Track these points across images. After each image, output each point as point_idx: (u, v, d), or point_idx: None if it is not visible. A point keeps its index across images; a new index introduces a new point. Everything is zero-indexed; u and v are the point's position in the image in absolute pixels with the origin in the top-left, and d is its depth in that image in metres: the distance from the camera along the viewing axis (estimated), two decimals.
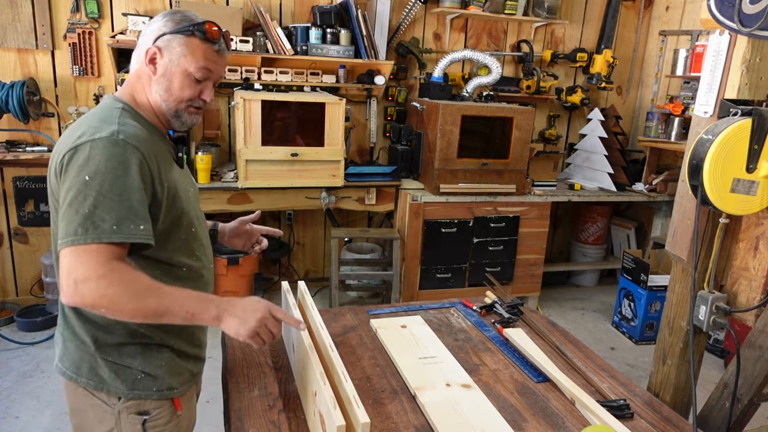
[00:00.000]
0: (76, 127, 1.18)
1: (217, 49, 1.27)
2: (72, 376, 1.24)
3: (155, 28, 1.25)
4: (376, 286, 4.17)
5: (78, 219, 1.07)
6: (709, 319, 1.61)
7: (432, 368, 1.62)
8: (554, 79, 4.46)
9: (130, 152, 1.12)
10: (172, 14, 1.26)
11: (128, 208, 1.10)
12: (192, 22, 1.25)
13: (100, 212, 1.07)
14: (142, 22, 3.31)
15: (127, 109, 1.23)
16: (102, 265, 1.06)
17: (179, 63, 1.23)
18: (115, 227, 1.07)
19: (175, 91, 1.24)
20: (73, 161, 1.10)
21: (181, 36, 1.23)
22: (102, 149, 1.10)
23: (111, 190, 1.08)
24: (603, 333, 3.99)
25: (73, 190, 1.08)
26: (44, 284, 3.57)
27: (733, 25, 1.46)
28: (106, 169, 1.09)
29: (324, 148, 3.56)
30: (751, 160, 1.45)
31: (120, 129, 1.14)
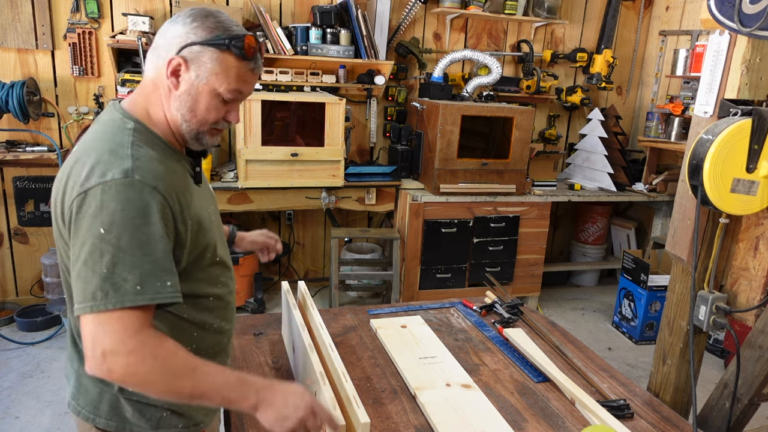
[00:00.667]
0: (82, 157, 1.02)
1: (252, 67, 1.09)
2: (89, 416, 1.13)
3: (181, 33, 1.05)
4: (376, 286, 4.17)
5: (96, 280, 0.94)
6: (709, 319, 1.61)
7: (432, 368, 1.62)
8: (554, 79, 4.46)
9: (148, 195, 0.97)
10: (203, 17, 1.06)
11: (152, 263, 0.97)
12: (229, 34, 1.05)
13: (120, 271, 0.94)
14: (142, 22, 3.31)
15: (139, 129, 1.07)
16: (131, 337, 0.94)
17: (208, 81, 1.06)
18: (138, 287, 0.95)
19: (199, 113, 1.08)
20: (84, 209, 0.96)
21: (213, 50, 1.04)
22: (116, 195, 0.95)
23: (131, 244, 0.95)
24: (603, 333, 3.99)
25: (88, 245, 0.95)
26: (44, 284, 3.57)
27: (733, 25, 1.46)
28: (123, 219, 0.95)
29: (324, 148, 3.56)
30: (751, 160, 1.45)
31: (135, 166, 0.98)
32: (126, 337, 0.94)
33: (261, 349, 1.70)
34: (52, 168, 3.55)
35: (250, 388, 1.03)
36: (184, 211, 1.06)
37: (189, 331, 1.17)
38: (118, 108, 1.10)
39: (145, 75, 1.12)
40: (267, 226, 4.19)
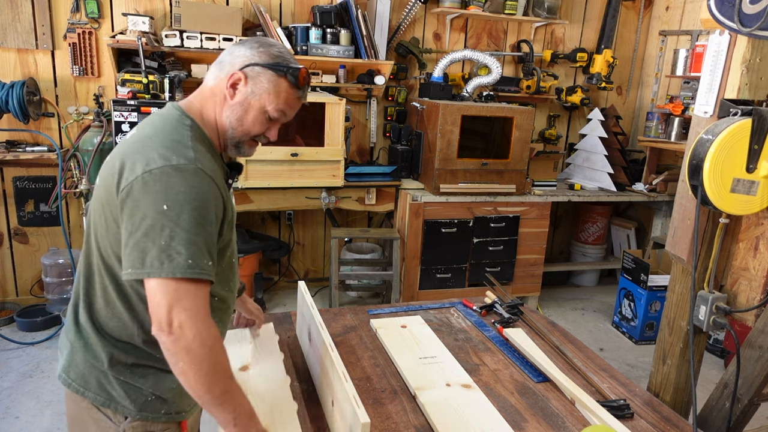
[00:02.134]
0: (145, 140, 1.13)
1: (300, 96, 1.25)
2: (78, 389, 1.20)
3: (247, 54, 1.21)
4: (376, 286, 4.17)
5: (155, 250, 1.04)
6: (709, 319, 1.61)
7: (432, 368, 1.62)
8: (554, 79, 4.46)
9: (207, 184, 1.10)
10: (269, 46, 1.22)
11: (203, 243, 1.07)
12: (287, 64, 1.21)
13: (175, 245, 1.04)
14: (142, 22, 3.31)
15: (194, 127, 1.19)
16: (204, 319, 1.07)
17: (261, 98, 1.20)
18: (189, 261, 1.05)
19: (246, 123, 1.22)
20: (149, 187, 1.06)
21: (272, 73, 1.20)
22: (181, 178, 1.07)
23: (189, 222, 1.05)
24: (603, 333, 3.99)
25: (149, 218, 1.04)
26: (44, 284, 3.57)
27: (733, 25, 1.46)
28: (185, 200, 1.06)
29: (324, 148, 3.56)
30: (751, 160, 1.45)
31: (197, 156, 1.11)
32: (198, 317, 1.06)
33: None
34: (52, 168, 3.55)
35: (255, 426, 1.15)
36: (227, 204, 1.19)
37: None
38: (177, 107, 1.23)
39: (205, 83, 1.27)
40: (267, 226, 4.19)
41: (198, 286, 1.07)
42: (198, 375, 1.06)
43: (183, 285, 1.05)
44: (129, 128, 3.11)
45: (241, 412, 1.11)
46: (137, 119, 3.11)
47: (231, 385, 1.11)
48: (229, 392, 1.10)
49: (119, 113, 3.08)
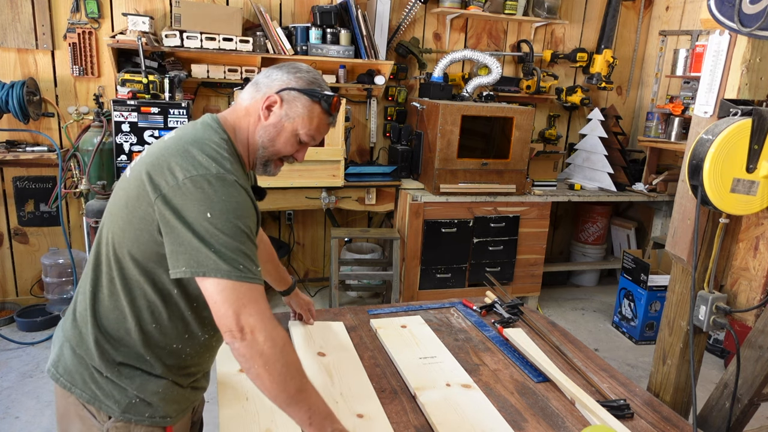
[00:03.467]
0: (184, 145, 1.15)
1: (330, 122, 1.30)
2: (66, 384, 1.21)
3: (284, 78, 1.25)
4: (376, 286, 4.17)
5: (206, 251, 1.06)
6: (709, 319, 1.61)
7: (432, 368, 1.62)
8: (554, 79, 4.46)
9: (243, 196, 1.13)
10: (306, 72, 1.27)
11: (249, 249, 1.10)
12: (322, 90, 1.26)
13: (224, 250, 1.07)
14: (142, 22, 3.31)
15: (228, 142, 1.22)
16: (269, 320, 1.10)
17: (294, 121, 1.24)
18: (242, 266, 1.08)
19: (278, 144, 1.26)
20: (190, 193, 1.07)
21: (306, 98, 1.24)
22: (221, 187, 1.09)
23: (232, 230, 1.08)
24: (603, 333, 3.99)
25: (196, 224, 1.06)
26: (44, 284, 3.57)
27: (733, 25, 1.46)
28: (227, 209, 1.08)
29: (324, 148, 3.56)
30: (751, 160, 1.44)
31: (232, 169, 1.14)
32: (268, 320, 1.09)
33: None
34: (52, 168, 3.55)
35: (331, 425, 1.15)
36: (258, 217, 1.23)
37: (181, 331, 1.23)
38: (215, 119, 1.26)
39: (240, 101, 1.29)
40: (267, 226, 4.19)
41: (256, 289, 1.09)
42: (272, 375, 1.08)
43: (242, 289, 1.07)
44: (129, 128, 3.11)
45: (316, 410, 1.13)
46: (137, 119, 3.11)
47: (305, 383, 1.13)
48: (304, 391, 1.12)
49: (119, 113, 3.08)
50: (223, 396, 1.46)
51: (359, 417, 1.38)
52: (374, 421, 1.37)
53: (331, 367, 1.59)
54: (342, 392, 1.47)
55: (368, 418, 1.38)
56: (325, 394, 1.46)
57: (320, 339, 1.76)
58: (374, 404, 1.44)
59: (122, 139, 3.12)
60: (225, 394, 1.47)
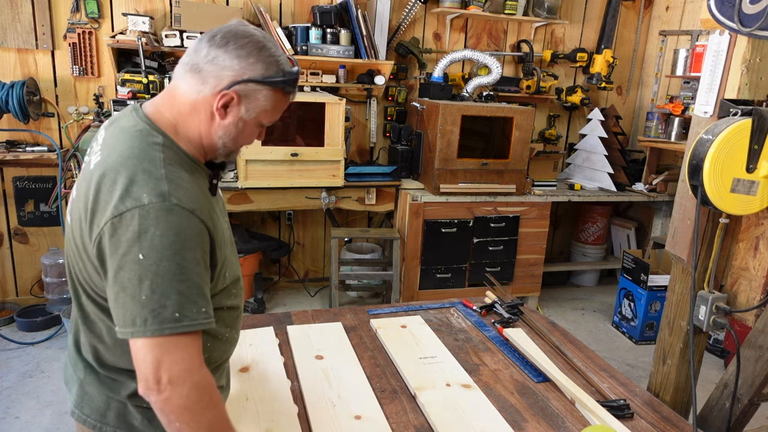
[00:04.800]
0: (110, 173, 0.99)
1: (292, 99, 1.14)
2: (95, 424, 1.12)
3: (236, 66, 1.03)
4: (376, 286, 4.17)
5: (136, 306, 0.94)
6: (709, 319, 1.61)
7: (432, 368, 1.62)
8: (554, 79, 4.46)
9: (185, 220, 0.97)
10: (258, 51, 1.04)
11: (189, 288, 0.97)
12: (283, 72, 1.06)
13: (158, 297, 0.94)
14: (142, 22, 3.31)
15: (167, 144, 1.05)
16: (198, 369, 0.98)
17: (257, 115, 1.08)
18: (177, 315, 0.95)
19: (241, 141, 1.11)
20: (120, 233, 0.94)
21: (268, 89, 1.06)
22: (155, 220, 0.94)
23: (169, 270, 0.95)
24: (603, 333, 3.99)
25: (125, 270, 0.94)
26: (44, 284, 3.57)
27: (733, 25, 1.46)
28: (162, 245, 0.94)
29: (324, 148, 3.56)
30: (751, 160, 1.45)
31: (170, 189, 0.97)
32: (191, 371, 0.96)
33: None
34: (52, 168, 3.55)
35: None
36: (216, 231, 1.06)
37: (204, 341, 1.14)
38: (142, 116, 1.07)
39: (180, 92, 1.08)
40: (267, 226, 4.19)
41: (189, 337, 0.98)
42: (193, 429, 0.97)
43: (171, 339, 0.95)
44: None
45: None
46: None
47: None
48: None
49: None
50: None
51: (357, 419, 1.38)
52: (372, 422, 1.37)
53: (329, 370, 1.59)
54: (339, 394, 1.47)
55: (366, 419, 1.38)
56: (322, 397, 1.46)
57: (318, 342, 1.76)
58: (372, 405, 1.44)
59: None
60: None
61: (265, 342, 1.74)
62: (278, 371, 1.58)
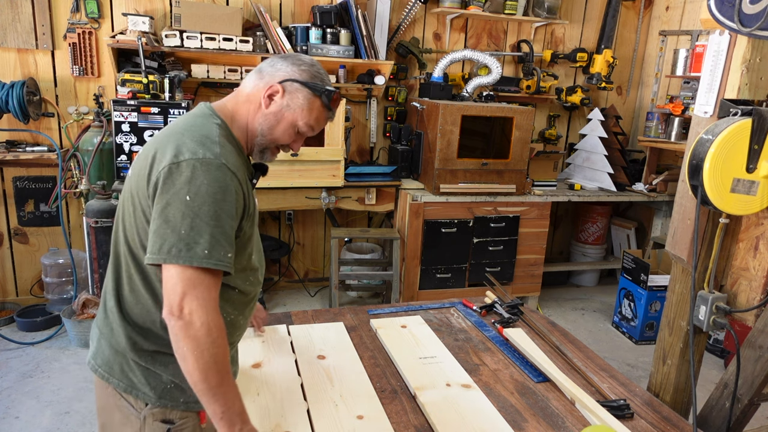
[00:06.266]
0: (175, 135, 1.18)
1: (329, 116, 1.32)
2: (104, 374, 1.24)
3: (288, 70, 1.27)
4: (376, 286, 4.17)
5: (174, 238, 1.08)
6: (709, 319, 1.61)
7: (432, 368, 1.62)
8: (554, 79, 4.46)
9: (230, 179, 1.14)
10: (310, 65, 1.29)
11: (221, 234, 1.11)
12: (324, 85, 1.28)
13: (194, 235, 1.09)
14: (142, 22, 3.31)
15: (223, 126, 1.24)
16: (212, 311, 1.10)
17: (294, 112, 1.26)
18: (206, 251, 1.09)
19: (276, 133, 1.28)
20: (175, 177, 1.11)
21: (308, 91, 1.26)
22: (206, 171, 1.11)
23: (208, 214, 1.10)
24: (603, 333, 3.99)
25: (172, 207, 1.09)
26: (44, 284, 3.57)
27: (733, 25, 1.46)
28: (207, 193, 1.10)
29: (324, 148, 3.56)
30: (751, 160, 1.45)
31: (222, 152, 1.16)
32: (209, 309, 1.10)
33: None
34: (52, 168, 3.55)
35: (241, 422, 1.15)
36: (249, 199, 1.23)
37: None
38: (209, 106, 1.28)
39: (242, 88, 1.31)
40: (267, 226, 4.19)
41: (213, 276, 1.11)
42: (198, 362, 1.08)
43: (199, 274, 1.09)
44: (129, 128, 3.11)
45: (231, 407, 1.13)
46: (137, 119, 3.11)
47: (227, 379, 1.13)
48: (224, 386, 1.12)
49: (119, 113, 3.08)
50: None
51: (359, 418, 1.38)
52: (374, 422, 1.37)
53: (331, 370, 1.59)
54: (342, 394, 1.47)
55: (368, 419, 1.38)
56: (325, 397, 1.46)
57: (320, 342, 1.76)
58: (374, 405, 1.44)
59: (122, 139, 3.12)
60: None
61: (278, 339, 1.76)
62: (290, 368, 1.59)
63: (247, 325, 1.38)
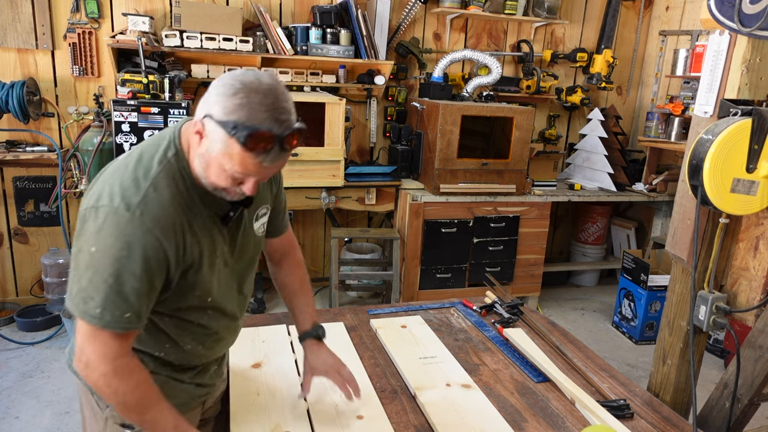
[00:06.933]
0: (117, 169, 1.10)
1: (262, 161, 1.04)
2: (72, 368, 1.25)
3: (210, 100, 1.04)
4: (376, 286, 4.17)
5: (75, 288, 1.06)
6: (709, 319, 1.61)
7: (432, 368, 1.62)
8: (554, 79, 4.46)
9: (142, 235, 1.03)
10: (232, 94, 1.01)
11: (117, 294, 1.04)
12: (241, 122, 1.00)
13: (91, 290, 1.04)
14: (142, 22, 3.31)
15: (175, 159, 1.10)
16: (109, 362, 1.07)
17: (217, 155, 1.04)
18: (98, 311, 1.04)
19: (212, 177, 1.08)
20: (89, 223, 1.05)
21: (223, 132, 1.01)
22: (114, 224, 1.03)
23: (108, 272, 1.03)
24: (603, 333, 3.99)
25: (81, 254, 1.05)
26: (44, 284, 3.57)
27: (733, 25, 1.46)
28: (111, 248, 1.02)
29: (324, 148, 3.56)
30: (751, 160, 1.45)
31: (144, 202, 1.04)
32: (105, 361, 1.07)
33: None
34: (52, 168, 3.55)
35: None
36: (187, 254, 1.12)
37: (161, 341, 1.23)
38: (177, 129, 1.15)
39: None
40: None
41: (109, 333, 1.06)
42: (111, 402, 1.11)
43: (94, 330, 1.06)
44: (129, 128, 3.11)
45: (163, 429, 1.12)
46: (137, 119, 3.11)
47: (149, 412, 1.12)
48: (147, 418, 1.12)
49: (119, 113, 3.08)
50: (234, 391, 1.46)
51: (359, 418, 1.38)
52: (374, 422, 1.37)
53: None
54: (342, 394, 1.47)
55: (368, 419, 1.38)
56: (325, 397, 1.46)
57: None
58: (374, 405, 1.44)
59: (122, 139, 3.12)
60: (236, 389, 1.47)
61: (278, 339, 1.76)
62: (290, 368, 1.59)
63: (216, 353, 1.34)
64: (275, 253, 1.54)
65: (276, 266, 1.55)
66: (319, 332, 1.47)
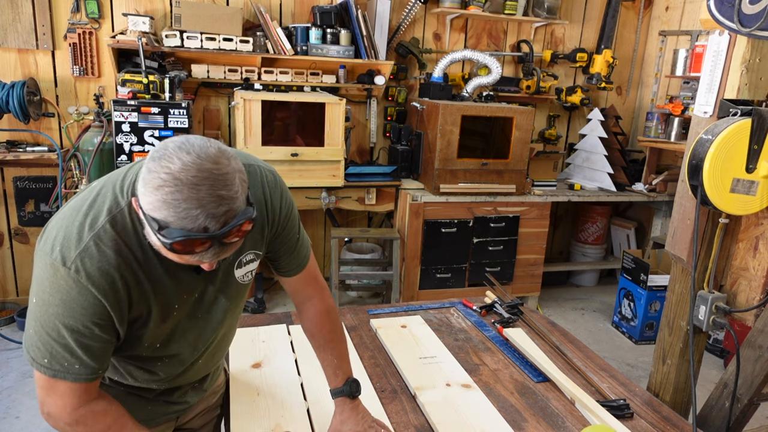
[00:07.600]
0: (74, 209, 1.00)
1: (200, 258, 0.93)
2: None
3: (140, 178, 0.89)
4: (376, 286, 4.17)
5: (26, 335, 1.03)
6: (709, 319, 1.62)
7: (432, 368, 1.62)
8: (554, 79, 4.46)
9: (76, 292, 0.96)
10: (155, 187, 0.86)
11: (63, 347, 0.99)
12: (162, 224, 0.87)
13: (36, 340, 1.00)
14: (143, 22, 3.31)
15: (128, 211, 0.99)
16: (70, 413, 1.04)
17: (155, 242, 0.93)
18: (46, 361, 1.00)
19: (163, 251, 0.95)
20: (37, 271, 0.99)
21: (149, 226, 0.90)
22: (51, 278, 0.96)
23: (49, 325, 0.98)
24: (603, 333, 3.99)
25: (29, 302, 1.02)
26: None
27: (732, 25, 1.46)
28: (48, 303, 0.97)
29: (324, 148, 3.56)
30: (751, 160, 1.45)
31: (82, 257, 0.95)
32: (66, 412, 1.04)
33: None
34: (52, 168, 3.55)
35: None
36: (130, 307, 1.02)
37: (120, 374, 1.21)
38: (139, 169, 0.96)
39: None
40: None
41: (65, 384, 1.01)
42: None
43: (48, 380, 1.02)
44: (129, 128, 3.11)
45: None
46: (137, 119, 3.11)
47: None
48: None
49: (119, 113, 3.08)
50: (234, 391, 1.47)
51: None
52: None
53: None
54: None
55: None
56: (325, 397, 1.46)
57: None
58: (374, 405, 1.44)
59: (122, 139, 3.12)
60: (236, 389, 1.48)
61: (278, 339, 1.76)
62: (290, 368, 1.59)
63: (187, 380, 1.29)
64: (296, 294, 1.36)
65: (299, 311, 1.37)
66: (352, 389, 1.32)
